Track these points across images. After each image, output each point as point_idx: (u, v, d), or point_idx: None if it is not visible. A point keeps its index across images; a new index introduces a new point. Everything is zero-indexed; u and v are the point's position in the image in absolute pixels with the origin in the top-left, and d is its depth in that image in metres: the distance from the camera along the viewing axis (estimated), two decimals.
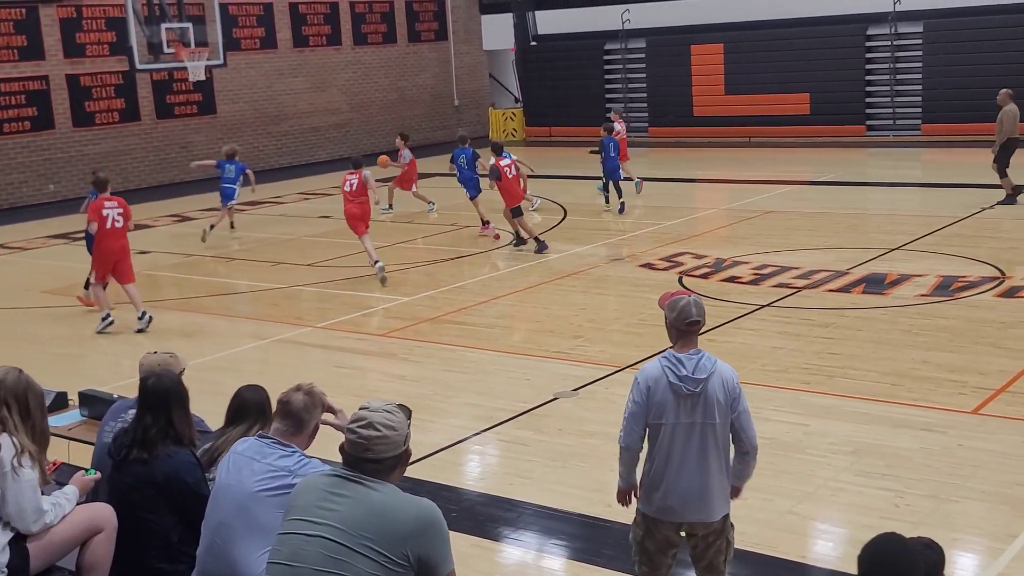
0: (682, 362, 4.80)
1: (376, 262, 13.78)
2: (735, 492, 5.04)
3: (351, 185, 14.33)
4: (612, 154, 18.08)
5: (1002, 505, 6.61)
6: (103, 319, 12.33)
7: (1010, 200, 16.61)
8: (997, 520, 6.43)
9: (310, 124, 28.03)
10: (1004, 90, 17.18)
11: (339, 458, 3.61)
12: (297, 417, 4.31)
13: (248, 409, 5.01)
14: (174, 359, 5.48)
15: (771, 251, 14.33)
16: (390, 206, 19.57)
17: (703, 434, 4.80)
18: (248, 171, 18.16)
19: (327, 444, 4.45)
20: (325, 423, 4.47)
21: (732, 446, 4.94)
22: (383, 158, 18.72)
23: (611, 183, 18.24)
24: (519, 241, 15.64)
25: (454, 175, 17.74)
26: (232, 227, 18.53)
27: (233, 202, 18.06)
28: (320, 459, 4.36)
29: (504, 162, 15.54)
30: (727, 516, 4.99)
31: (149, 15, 19.80)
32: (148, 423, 4.84)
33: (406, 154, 19.44)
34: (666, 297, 5.00)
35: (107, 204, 12.30)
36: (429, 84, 31.45)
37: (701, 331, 4.95)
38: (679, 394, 4.78)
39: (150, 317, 12.28)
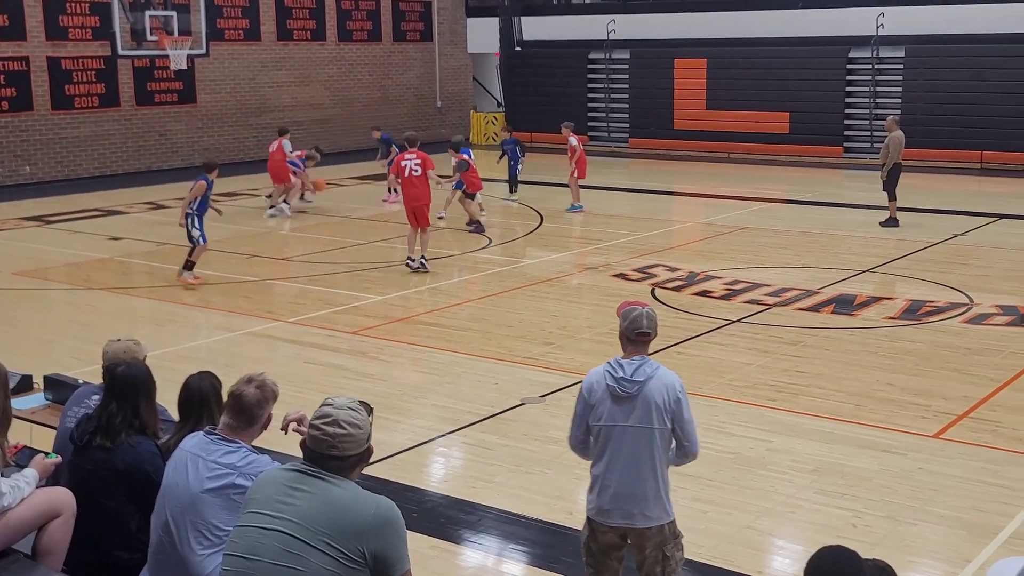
0: (622, 366, 4.87)
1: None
2: None
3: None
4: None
5: (959, 530, 6.67)
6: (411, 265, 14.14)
7: (892, 223, 17.35)
8: (953, 544, 6.49)
9: (292, 118, 27.90)
10: (891, 117, 18.23)
11: (285, 447, 3.57)
12: (249, 412, 4.29)
13: (193, 399, 4.87)
14: (138, 346, 5.45)
15: (744, 267, 14.42)
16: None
17: (638, 438, 4.81)
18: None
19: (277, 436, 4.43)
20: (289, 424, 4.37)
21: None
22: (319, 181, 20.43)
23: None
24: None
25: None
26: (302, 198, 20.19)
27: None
28: (269, 455, 4.35)
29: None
30: (667, 526, 4.92)
31: (134, 2, 19.74)
32: (113, 411, 4.82)
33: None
34: (624, 306, 5.04)
35: (407, 157, 14.15)
36: (413, 84, 31.44)
37: (667, 345, 4.98)
38: (616, 396, 4.83)
39: (425, 266, 14.08)
